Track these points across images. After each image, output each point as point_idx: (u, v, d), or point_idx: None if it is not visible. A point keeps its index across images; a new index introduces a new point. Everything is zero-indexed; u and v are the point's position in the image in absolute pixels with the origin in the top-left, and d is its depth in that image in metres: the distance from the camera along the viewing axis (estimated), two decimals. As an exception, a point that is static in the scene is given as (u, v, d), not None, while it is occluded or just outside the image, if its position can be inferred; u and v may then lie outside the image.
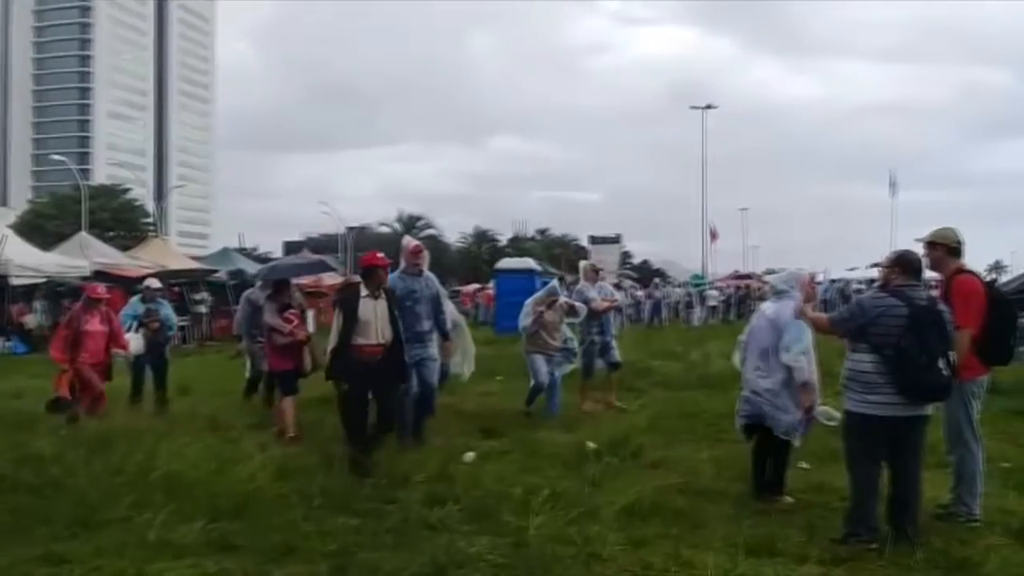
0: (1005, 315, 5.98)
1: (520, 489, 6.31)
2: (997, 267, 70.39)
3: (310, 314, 9.70)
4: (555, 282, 11.23)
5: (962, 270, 5.95)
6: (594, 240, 63.23)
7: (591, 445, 8.04)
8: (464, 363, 10.01)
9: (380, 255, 7.66)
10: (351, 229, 61.33)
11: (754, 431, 6.57)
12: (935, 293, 5.94)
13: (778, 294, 6.63)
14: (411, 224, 65.44)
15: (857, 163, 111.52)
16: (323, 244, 58.18)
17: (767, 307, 6.70)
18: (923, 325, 5.23)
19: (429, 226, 64.58)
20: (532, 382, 10.19)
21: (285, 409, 8.80)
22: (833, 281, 35.47)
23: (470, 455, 7.57)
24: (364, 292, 7.31)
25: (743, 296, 38.31)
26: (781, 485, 6.54)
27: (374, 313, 7.27)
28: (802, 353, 6.22)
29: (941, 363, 5.21)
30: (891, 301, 5.33)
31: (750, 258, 74.61)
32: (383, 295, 7.41)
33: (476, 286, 37.64)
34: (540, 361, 10.11)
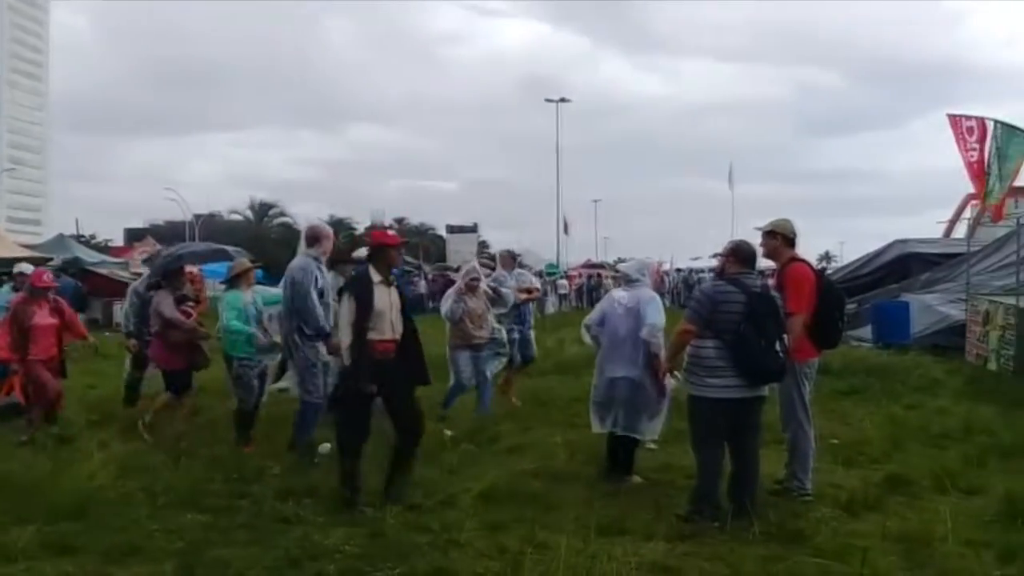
0: (834, 301, 6.41)
1: (376, 479, 6.29)
2: (827, 257, 75.16)
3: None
4: (475, 263, 10.15)
5: (795, 259, 6.34)
6: (451, 229, 63.33)
7: (448, 433, 8.10)
8: None
9: (391, 232, 6.79)
10: (199, 217, 58.89)
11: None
12: (770, 281, 6.31)
13: (630, 282, 6.91)
14: (263, 212, 63.36)
15: (700, 157, 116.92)
16: (169, 232, 55.61)
17: (620, 295, 6.91)
18: (759, 311, 5.56)
19: (283, 214, 62.74)
20: (452, 381, 9.26)
21: (169, 405, 8.25)
22: (679, 270, 36.95)
23: (326, 447, 7.44)
24: (376, 277, 6.14)
25: (595, 285, 39.45)
26: (630, 466, 6.79)
27: (388, 302, 6.11)
28: (659, 330, 6.55)
29: (776, 347, 5.56)
30: (729, 289, 5.65)
31: (602, 248, 76.65)
32: (394, 281, 6.40)
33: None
34: (465, 359, 9.12)
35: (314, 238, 7.50)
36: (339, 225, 69.90)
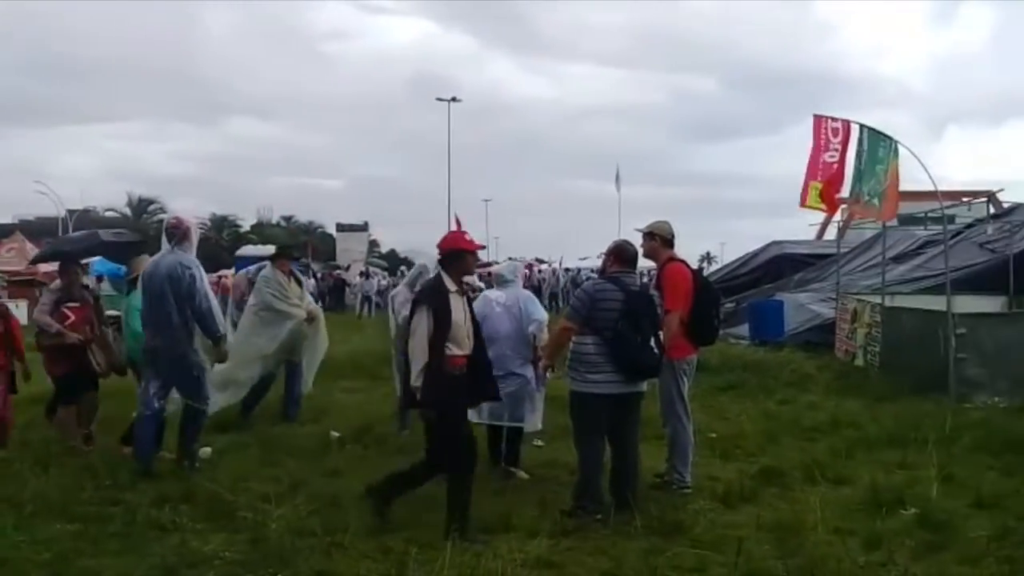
0: (710, 300, 6.64)
1: (258, 483, 6.14)
2: (708, 258, 77.63)
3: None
4: (425, 262, 9.31)
5: (673, 259, 6.53)
6: (341, 228, 62.31)
7: (335, 434, 8.00)
8: (307, 371, 9.09)
9: (468, 236, 5.86)
10: (72, 212, 56.07)
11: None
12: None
13: (504, 283, 7.19)
14: (142, 208, 60.88)
15: (587, 159, 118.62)
16: (40, 228, 52.74)
17: (496, 295, 7.08)
18: (636, 309, 5.71)
19: (162, 210, 60.38)
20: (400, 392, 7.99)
21: (65, 420, 7.61)
22: (567, 270, 37.44)
23: (205, 451, 7.23)
24: (451, 286, 5.53)
25: (487, 284, 39.51)
26: (517, 459, 6.93)
27: (463, 313, 5.54)
28: (545, 325, 6.84)
29: (652, 343, 5.72)
30: (608, 287, 5.80)
31: (493, 248, 76.96)
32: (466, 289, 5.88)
33: (223, 273, 35.81)
34: None
35: (183, 234, 6.83)
36: (222, 223, 67.95)
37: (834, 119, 12.02)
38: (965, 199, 21.51)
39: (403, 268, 46.02)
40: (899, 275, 16.20)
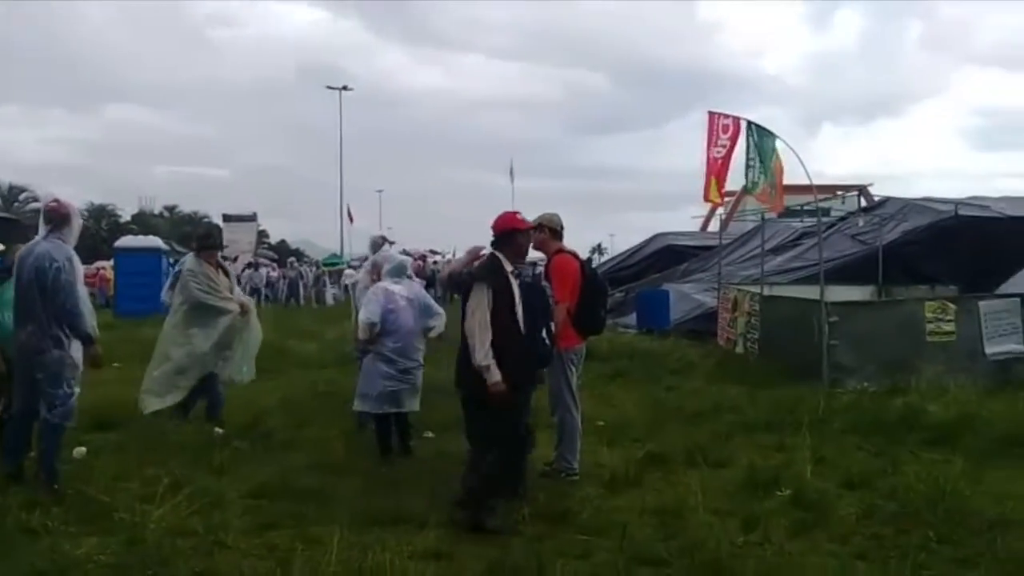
0: (597, 291, 6.75)
1: (137, 483, 5.92)
2: (599, 249, 78.92)
3: None
4: (386, 250, 9.16)
5: (561, 251, 6.62)
6: (228, 218, 60.48)
7: (218, 431, 7.78)
8: (243, 362, 8.59)
9: (520, 215, 5.78)
10: (-66, 200, 52.61)
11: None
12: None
13: (398, 276, 7.33)
14: (13, 197, 57.60)
15: (481, 151, 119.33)
16: None
17: (397, 289, 7.16)
18: (527, 301, 5.74)
19: (35, 199, 57.26)
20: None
21: None
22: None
23: (80, 451, 6.91)
24: (508, 267, 5.55)
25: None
26: (408, 451, 7.10)
27: (520, 296, 5.55)
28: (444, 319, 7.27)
29: (543, 334, 5.78)
30: None
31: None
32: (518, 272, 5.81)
33: (100, 265, 34.12)
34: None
35: (62, 219, 6.14)
36: (101, 212, 64.99)
37: (725, 115, 12.40)
38: (839, 193, 22.58)
39: (292, 260, 45.14)
40: (777, 266, 16.88)
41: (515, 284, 5.50)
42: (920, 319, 10.53)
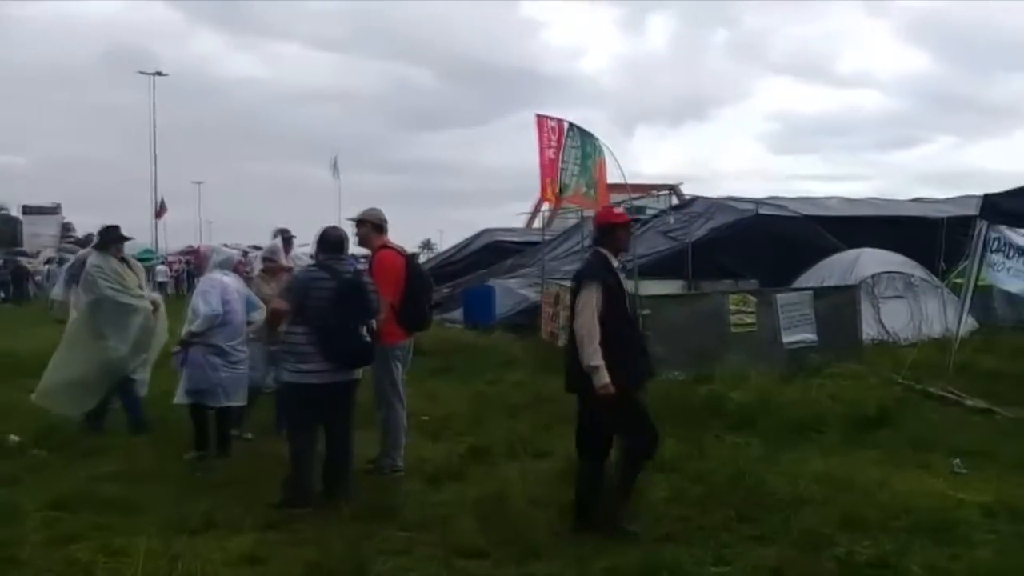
0: (421, 286, 6.75)
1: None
2: (428, 245, 78.96)
3: None
4: (278, 240, 8.72)
5: (385, 246, 6.59)
6: (28, 210, 56.27)
7: (14, 438, 7.21)
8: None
9: (617, 210, 5.58)
10: None
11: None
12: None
13: (227, 268, 7.16)
14: None
15: (306, 144, 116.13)
16: None
17: (229, 281, 6.98)
18: (348, 296, 5.69)
19: None
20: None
21: None
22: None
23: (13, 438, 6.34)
24: (614, 262, 5.39)
25: (194, 270, 37.44)
26: (226, 452, 6.90)
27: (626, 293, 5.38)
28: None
29: (363, 330, 5.73)
30: (320, 275, 5.73)
31: (205, 232, 72.81)
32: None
33: None
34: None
35: None
36: None
37: (552, 118, 12.73)
38: (654, 192, 23.65)
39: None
40: (597, 261, 17.43)
41: (624, 280, 5.39)
42: (724, 311, 11.20)
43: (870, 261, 14.70)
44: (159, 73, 51.93)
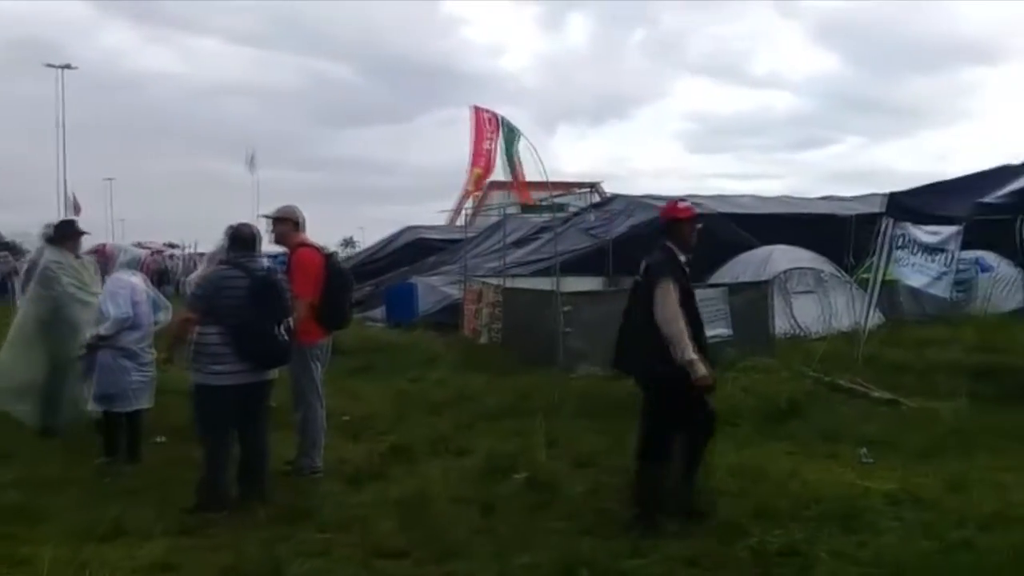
0: (342, 285, 6.67)
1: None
2: (350, 242, 78.04)
3: None
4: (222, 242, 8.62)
5: (303, 244, 6.49)
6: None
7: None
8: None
9: (682, 204, 5.58)
10: None
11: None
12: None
13: (134, 268, 7.15)
14: None
15: (220, 140, 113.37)
16: None
17: (136, 281, 6.81)
18: (263, 295, 5.58)
19: None
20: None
21: None
22: (201, 255, 35.59)
23: None
24: (681, 257, 5.37)
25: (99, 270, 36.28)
26: (136, 457, 6.71)
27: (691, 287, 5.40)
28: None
29: (280, 330, 5.63)
30: (233, 273, 5.61)
31: (118, 231, 70.45)
32: None
33: None
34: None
35: None
36: None
37: (487, 110, 12.73)
38: (575, 190, 23.85)
39: (5, 254, 40.57)
40: (518, 258, 17.55)
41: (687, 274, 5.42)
42: (644, 307, 11.37)
43: (782, 257, 15.14)
44: (68, 66, 50.07)
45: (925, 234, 10.19)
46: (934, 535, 4.87)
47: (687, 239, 5.49)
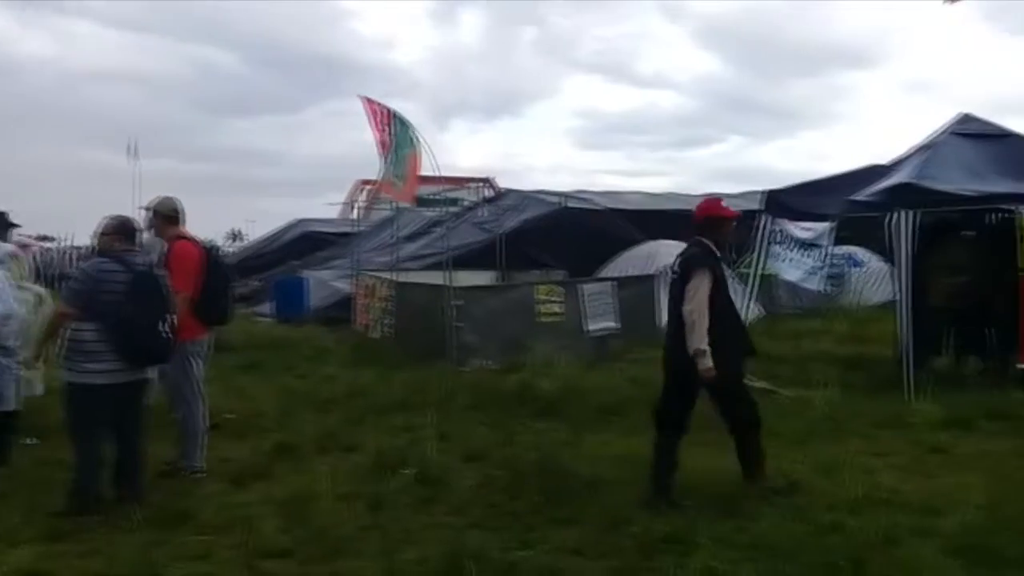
0: (220, 279, 6.48)
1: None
2: (237, 235, 75.85)
3: None
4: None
5: (181, 237, 6.27)
6: None
7: None
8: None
9: (723, 202, 5.83)
10: None
11: None
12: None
13: (5, 263, 6.68)
14: None
15: (99, 128, 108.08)
16: None
17: (4, 275, 6.41)
18: (143, 290, 5.37)
19: None
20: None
21: None
22: (77, 248, 34.02)
23: None
24: (717, 251, 5.63)
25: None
26: (6, 456, 6.36)
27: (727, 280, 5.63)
28: None
29: (161, 326, 5.43)
30: (112, 267, 5.37)
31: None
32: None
33: None
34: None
35: None
36: None
37: (376, 102, 12.55)
38: (468, 185, 23.85)
39: None
40: (410, 253, 17.44)
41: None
42: (533, 301, 11.51)
43: (667, 252, 15.49)
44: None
45: (800, 230, 10.65)
46: (807, 519, 5.08)
47: (725, 237, 5.79)
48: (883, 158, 10.61)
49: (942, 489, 5.73)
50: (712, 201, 5.93)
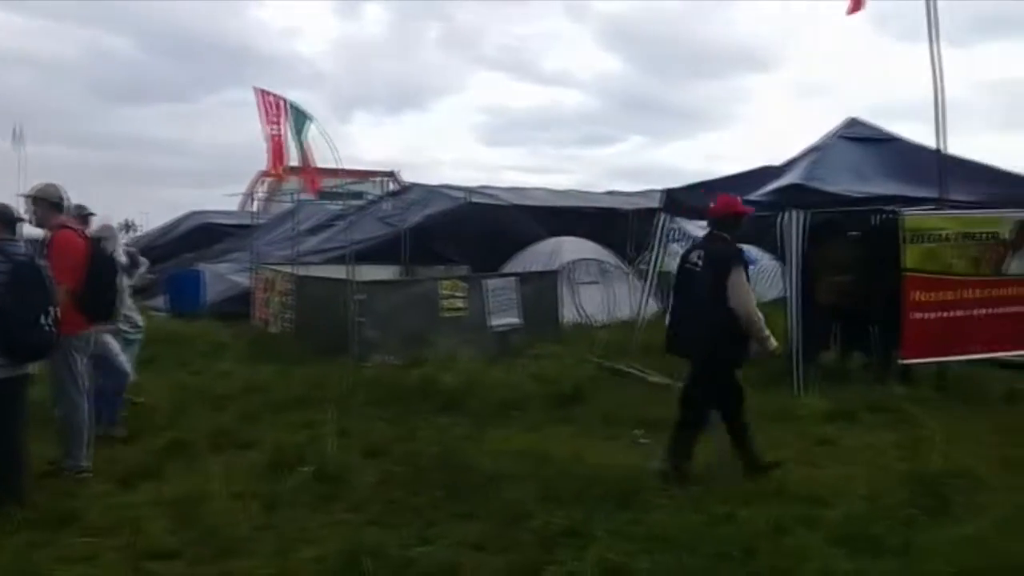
0: (105, 271, 6.22)
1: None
2: (130, 226, 73.11)
3: None
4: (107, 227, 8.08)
5: (64, 226, 5.99)
6: None
7: None
8: None
9: (740, 199, 6.15)
10: None
11: None
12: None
13: None
14: None
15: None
16: None
17: None
18: (25, 281, 5.11)
19: None
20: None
21: None
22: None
23: None
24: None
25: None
26: None
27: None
28: None
29: (43, 319, 5.17)
30: None
31: None
32: None
33: None
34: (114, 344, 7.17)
35: None
36: None
37: (270, 93, 12.31)
38: (372, 178, 23.60)
39: None
40: (312, 246, 17.15)
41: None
42: (436, 296, 11.47)
43: (569, 249, 15.72)
44: None
45: (698, 229, 10.90)
46: (701, 509, 5.21)
47: (741, 231, 6.13)
48: (777, 159, 11.01)
49: (828, 480, 5.97)
50: (732, 199, 6.19)
